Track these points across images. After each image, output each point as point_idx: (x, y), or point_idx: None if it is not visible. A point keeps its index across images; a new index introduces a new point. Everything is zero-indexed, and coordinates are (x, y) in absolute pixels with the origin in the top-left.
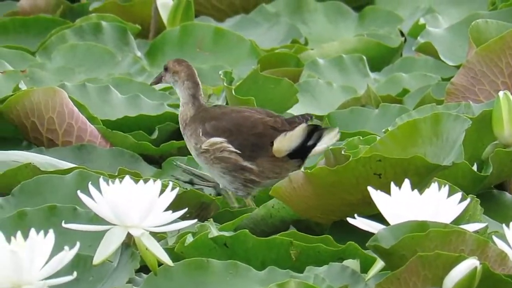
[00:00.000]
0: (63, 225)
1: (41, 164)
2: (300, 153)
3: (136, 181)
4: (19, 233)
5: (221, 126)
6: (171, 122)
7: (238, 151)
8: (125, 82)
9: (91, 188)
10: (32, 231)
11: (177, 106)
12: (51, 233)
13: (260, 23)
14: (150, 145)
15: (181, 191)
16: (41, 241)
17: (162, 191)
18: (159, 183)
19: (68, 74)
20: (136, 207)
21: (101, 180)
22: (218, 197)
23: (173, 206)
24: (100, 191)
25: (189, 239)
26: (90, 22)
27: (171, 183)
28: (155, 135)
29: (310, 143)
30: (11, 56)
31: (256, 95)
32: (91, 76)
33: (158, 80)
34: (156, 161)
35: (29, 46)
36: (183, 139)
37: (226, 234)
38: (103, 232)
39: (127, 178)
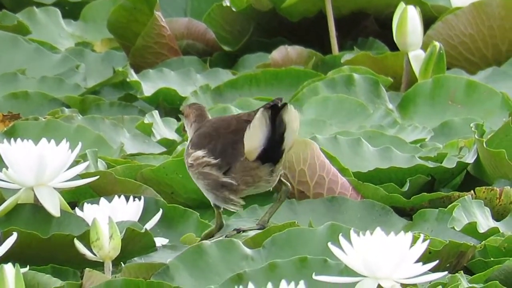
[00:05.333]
0: (314, 277)
1: None
2: (271, 152)
3: (387, 233)
4: (269, 285)
5: (203, 132)
6: (423, 174)
7: (217, 161)
8: (376, 135)
9: (342, 240)
10: (283, 283)
11: (428, 159)
12: (302, 284)
13: None
14: (401, 198)
15: (440, 244)
16: None
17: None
18: (410, 235)
19: (319, 126)
20: (387, 259)
21: (352, 232)
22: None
23: (426, 257)
24: (351, 243)
25: None
26: (342, 74)
27: (422, 235)
28: (406, 187)
29: (277, 133)
30: None
31: (507, 147)
32: (343, 128)
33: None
34: (407, 213)
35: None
36: (434, 191)
37: (476, 286)
38: (354, 284)
39: (378, 230)
